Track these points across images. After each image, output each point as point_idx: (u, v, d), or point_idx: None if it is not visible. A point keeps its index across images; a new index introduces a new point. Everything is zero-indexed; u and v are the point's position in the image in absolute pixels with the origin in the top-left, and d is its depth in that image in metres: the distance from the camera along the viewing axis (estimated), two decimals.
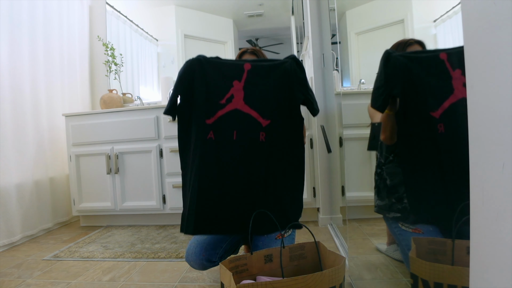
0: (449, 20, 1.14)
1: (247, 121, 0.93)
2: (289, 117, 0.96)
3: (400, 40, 1.02)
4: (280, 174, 0.95)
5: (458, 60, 0.77)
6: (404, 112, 0.84)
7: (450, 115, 0.77)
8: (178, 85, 0.97)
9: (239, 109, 0.93)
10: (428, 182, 0.84)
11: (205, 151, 0.92)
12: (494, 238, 0.33)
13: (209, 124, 0.93)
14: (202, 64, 0.97)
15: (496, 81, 0.33)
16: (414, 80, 0.81)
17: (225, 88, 0.94)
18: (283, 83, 0.95)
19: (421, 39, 1.00)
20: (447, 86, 0.78)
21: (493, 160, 0.33)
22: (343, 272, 0.78)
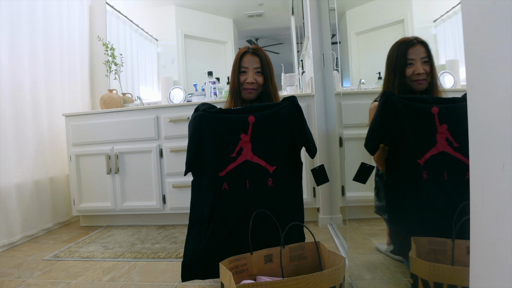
0: (449, 20, 1.14)
1: (257, 169, 1.03)
2: (291, 160, 1.07)
3: (403, 39, 1.02)
4: (289, 212, 1.05)
5: (446, 116, 0.88)
6: (394, 156, 0.96)
7: (431, 165, 0.88)
8: (191, 145, 1.05)
9: (249, 160, 1.03)
10: (409, 220, 0.94)
11: (222, 201, 1.02)
12: (494, 238, 0.33)
13: (222, 176, 1.02)
14: (209, 121, 1.04)
15: (496, 81, 0.33)
16: (405, 127, 0.92)
17: (234, 142, 1.03)
18: (285, 130, 1.04)
19: (424, 39, 1.00)
20: (431, 137, 0.88)
21: (493, 160, 0.33)
22: (343, 272, 0.78)
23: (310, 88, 1.98)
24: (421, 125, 0.90)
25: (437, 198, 0.88)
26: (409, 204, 0.93)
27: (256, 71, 1.14)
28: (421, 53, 1.00)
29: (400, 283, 1.04)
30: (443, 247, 0.81)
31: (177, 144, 1.98)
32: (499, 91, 0.32)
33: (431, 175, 0.88)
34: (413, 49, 1.00)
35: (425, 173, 0.88)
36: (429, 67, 1.00)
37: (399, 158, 0.95)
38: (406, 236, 0.93)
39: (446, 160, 0.86)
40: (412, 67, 0.99)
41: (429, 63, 1.00)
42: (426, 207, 0.90)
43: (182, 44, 2.65)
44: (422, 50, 1.00)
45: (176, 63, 2.65)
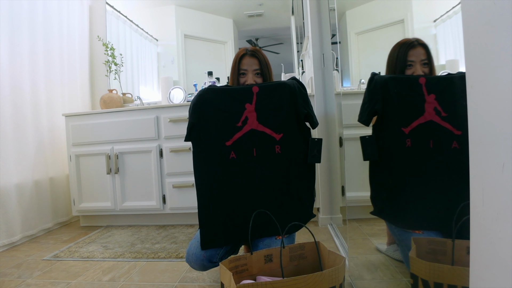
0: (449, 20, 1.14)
1: (263, 138, 1.05)
2: (298, 128, 1.08)
3: (404, 40, 1.02)
4: (300, 178, 1.07)
5: (434, 86, 0.90)
6: (380, 124, 0.98)
7: (417, 133, 0.90)
8: (192, 113, 1.06)
9: (255, 129, 1.05)
10: (390, 183, 0.97)
11: (230, 170, 1.04)
12: (494, 238, 0.33)
13: (229, 145, 1.04)
14: (214, 92, 1.07)
15: (496, 81, 0.33)
16: (392, 97, 0.94)
17: (239, 111, 1.05)
18: (289, 99, 1.06)
19: (425, 42, 1.01)
20: (420, 107, 0.90)
21: (493, 160, 0.33)
22: (343, 272, 0.78)
23: (310, 88, 1.98)
24: (409, 94, 0.93)
25: (420, 165, 0.90)
26: (391, 169, 0.96)
27: (255, 73, 1.15)
28: (421, 55, 1.00)
29: (400, 283, 1.04)
30: (443, 247, 0.81)
31: (177, 144, 1.98)
32: (499, 91, 0.32)
33: (415, 143, 0.90)
34: (414, 51, 1.00)
35: (409, 141, 0.91)
36: (428, 69, 1.00)
37: (385, 126, 0.97)
38: (386, 198, 0.97)
39: (433, 129, 0.89)
40: (411, 68, 1.00)
41: (428, 65, 1.00)
42: (408, 171, 0.92)
43: (182, 44, 2.65)
44: (422, 52, 1.00)
45: (176, 63, 2.65)
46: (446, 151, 0.87)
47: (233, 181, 1.04)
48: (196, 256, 1.01)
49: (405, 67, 1.01)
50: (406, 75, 0.98)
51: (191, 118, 1.06)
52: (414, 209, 0.92)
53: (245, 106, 1.05)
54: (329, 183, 1.85)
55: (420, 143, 0.90)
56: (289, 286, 0.70)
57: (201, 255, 1.00)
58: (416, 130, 0.90)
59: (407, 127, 0.91)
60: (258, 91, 1.06)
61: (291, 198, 1.06)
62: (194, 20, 2.68)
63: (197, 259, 1.01)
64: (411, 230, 0.92)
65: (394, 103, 0.94)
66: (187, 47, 2.66)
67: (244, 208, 1.03)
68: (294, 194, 1.06)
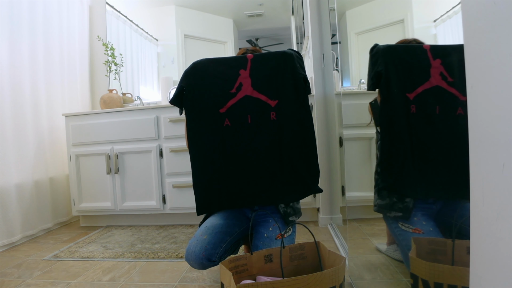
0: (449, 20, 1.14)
1: (258, 104, 1.02)
2: (294, 94, 1.04)
3: (402, 40, 1.01)
4: (294, 146, 1.03)
5: (440, 51, 0.86)
6: (385, 88, 0.93)
7: (422, 99, 0.86)
8: (184, 78, 1.04)
9: (249, 95, 1.02)
10: (396, 151, 0.93)
11: (225, 137, 1.01)
12: (494, 238, 0.33)
13: (223, 112, 1.02)
14: (207, 61, 1.05)
15: (496, 81, 0.33)
16: (396, 61, 0.90)
17: (233, 78, 1.02)
18: (285, 64, 1.03)
19: (423, 41, 0.99)
20: (425, 72, 0.86)
21: (493, 160, 0.33)
22: (343, 272, 0.78)
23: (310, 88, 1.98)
24: (413, 59, 0.90)
25: (425, 131, 0.88)
26: (398, 138, 0.93)
27: None
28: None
29: (400, 283, 1.04)
30: (443, 247, 0.81)
31: (177, 144, 1.98)
32: (499, 91, 0.32)
33: (421, 109, 0.88)
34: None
35: (414, 107, 0.88)
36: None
37: (390, 92, 0.94)
38: (395, 166, 0.93)
39: (440, 95, 0.86)
40: None
41: None
42: (414, 139, 0.89)
43: (182, 44, 2.65)
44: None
45: (176, 63, 2.65)
46: (452, 117, 0.85)
47: (228, 149, 1.02)
48: (195, 255, 1.01)
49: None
50: (409, 45, 0.94)
51: (181, 82, 1.04)
52: (423, 178, 0.89)
53: (239, 72, 1.02)
54: (329, 183, 1.85)
55: (426, 109, 0.87)
56: (289, 286, 0.70)
57: (200, 254, 1.00)
58: (422, 95, 0.87)
59: (412, 92, 0.88)
60: (252, 58, 1.04)
61: (285, 167, 1.03)
62: (194, 20, 2.68)
63: (196, 257, 1.01)
64: (425, 198, 0.89)
65: (398, 68, 0.90)
66: (187, 47, 2.66)
67: (239, 176, 1.01)
68: (288, 163, 1.03)
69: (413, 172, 0.90)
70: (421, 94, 0.87)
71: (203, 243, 1.02)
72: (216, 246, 1.03)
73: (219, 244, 1.04)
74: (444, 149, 0.86)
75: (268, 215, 1.07)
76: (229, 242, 1.07)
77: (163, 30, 2.69)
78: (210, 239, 1.03)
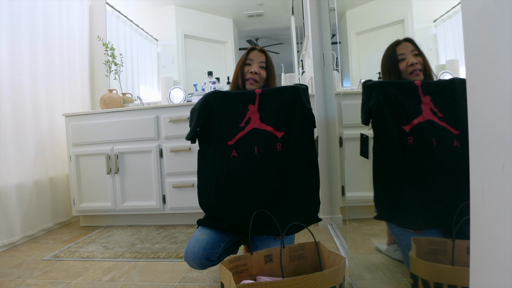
0: (449, 20, 1.14)
1: (265, 136, 1.06)
2: (300, 126, 1.08)
3: (395, 41, 1.04)
4: (298, 177, 1.06)
5: (429, 88, 0.92)
6: (379, 122, 0.98)
7: (418, 131, 0.90)
8: (198, 116, 1.09)
9: (257, 128, 1.07)
10: (394, 184, 0.95)
11: (231, 167, 1.05)
12: (494, 238, 0.33)
13: (231, 144, 1.06)
14: (218, 95, 1.10)
15: (496, 81, 0.33)
16: (389, 97, 0.95)
17: (242, 112, 1.07)
18: (292, 99, 1.08)
19: (417, 40, 1.01)
20: (417, 107, 0.91)
21: (493, 160, 0.33)
22: (343, 272, 0.78)
23: (310, 88, 1.98)
24: (405, 95, 0.94)
25: (424, 162, 0.90)
26: (394, 169, 0.94)
27: (260, 65, 1.17)
28: (409, 47, 1.00)
29: (400, 283, 1.04)
30: (443, 247, 0.81)
31: (177, 144, 1.98)
32: (499, 91, 0.32)
33: (418, 140, 0.91)
34: (401, 45, 1.01)
35: (411, 139, 0.91)
36: (421, 59, 0.99)
37: (384, 125, 0.97)
38: (391, 199, 0.95)
39: (434, 128, 0.88)
40: (404, 61, 0.99)
41: (420, 55, 0.99)
42: (412, 169, 0.91)
43: (182, 44, 2.65)
44: (409, 45, 1.00)
45: (176, 63, 2.65)
46: (450, 149, 0.87)
47: (233, 179, 1.04)
48: (194, 255, 1.01)
49: (398, 62, 1.00)
50: (401, 81, 0.98)
51: (197, 121, 1.09)
52: (422, 209, 0.91)
53: (248, 107, 1.07)
54: (329, 183, 1.85)
55: (423, 141, 0.90)
56: (289, 286, 0.70)
57: (199, 253, 1.00)
58: (417, 128, 0.90)
59: (408, 125, 0.91)
60: (260, 93, 1.09)
61: (291, 200, 1.05)
62: (194, 20, 2.68)
63: (195, 257, 1.01)
64: (418, 231, 0.91)
65: (391, 103, 0.94)
66: (187, 47, 2.66)
67: (243, 207, 1.03)
68: (294, 196, 1.05)
69: (412, 204, 0.91)
70: (417, 126, 0.90)
71: (202, 242, 1.02)
72: (215, 245, 1.03)
73: (218, 243, 1.04)
74: (443, 179, 0.88)
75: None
76: (228, 241, 1.07)
77: (163, 30, 2.69)
78: (209, 239, 1.03)
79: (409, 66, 0.98)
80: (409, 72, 0.98)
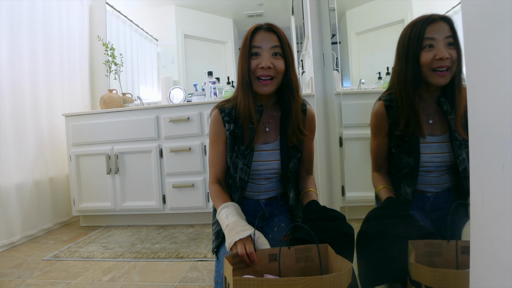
0: None
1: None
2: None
3: (419, 17, 0.82)
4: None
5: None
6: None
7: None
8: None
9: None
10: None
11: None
12: (494, 238, 0.33)
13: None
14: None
15: (496, 81, 0.33)
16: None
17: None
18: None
19: (448, 15, 0.80)
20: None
21: (493, 160, 0.33)
22: (347, 279, 0.75)
23: (310, 88, 1.98)
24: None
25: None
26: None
27: (273, 52, 0.84)
28: (445, 31, 0.75)
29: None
30: (439, 248, 0.80)
31: (177, 144, 1.98)
32: (499, 91, 0.32)
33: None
34: (434, 26, 0.76)
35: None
36: (456, 51, 0.75)
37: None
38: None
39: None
40: (432, 51, 0.76)
41: (455, 46, 0.75)
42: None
43: (182, 44, 2.65)
44: (446, 27, 0.75)
45: (176, 63, 2.65)
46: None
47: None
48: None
49: (422, 49, 0.76)
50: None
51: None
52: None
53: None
54: (329, 183, 1.85)
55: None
56: (285, 286, 0.69)
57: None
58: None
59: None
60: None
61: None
62: (194, 20, 2.68)
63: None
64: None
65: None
66: (187, 47, 2.66)
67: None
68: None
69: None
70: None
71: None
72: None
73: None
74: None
75: (276, 214, 1.04)
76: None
77: (163, 30, 2.69)
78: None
79: (436, 60, 0.76)
80: (434, 66, 0.77)
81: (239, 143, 0.90)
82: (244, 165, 0.89)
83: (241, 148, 0.90)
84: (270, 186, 0.97)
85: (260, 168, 0.93)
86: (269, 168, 0.94)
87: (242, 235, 0.77)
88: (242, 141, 0.89)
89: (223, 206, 0.86)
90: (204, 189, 1.97)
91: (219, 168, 0.95)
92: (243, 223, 0.82)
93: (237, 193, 0.92)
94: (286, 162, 0.93)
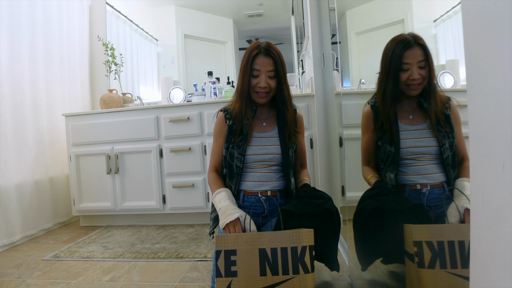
0: (449, 20, 1.14)
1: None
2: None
3: (400, 37, 0.99)
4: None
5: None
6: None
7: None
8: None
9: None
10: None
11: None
12: (494, 238, 0.33)
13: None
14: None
15: (496, 82, 0.33)
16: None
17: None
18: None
19: (422, 38, 0.98)
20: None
21: (493, 160, 0.33)
22: (307, 238, 0.87)
23: (310, 88, 1.98)
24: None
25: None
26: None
27: (269, 75, 1.06)
28: (418, 57, 0.96)
29: (400, 283, 1.04)
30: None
31: (177, 144, 1.98)
32: (499, 91, 0.32)
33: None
34: (410, 51, 0.96)
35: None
36: (426, 71, 0.97)
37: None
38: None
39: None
40: (407, 72, 0.97)
41: (425, 68, 0.96)
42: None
43: (182, 44, 2.65)
44: (419, 53, 0.96)
45: (176, 63, 2.65)
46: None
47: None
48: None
49: (400, 70, 0.98)
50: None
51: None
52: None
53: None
54: (329, 183, 1.85)
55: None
56: (255, 239, 0.87)
57: None
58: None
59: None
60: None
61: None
62: (194, 20, 2.68)
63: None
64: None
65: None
66: (187, 47, 2.66)
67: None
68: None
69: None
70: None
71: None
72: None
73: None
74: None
75: (274, 214, 1.07)
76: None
77: (163, 30, 2.69)
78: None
79: (409, 79, 0.97)
80: (408, 84, 0.99)
81: (235, 136, 1.09)
82: (239, 154, 1.07)
83: (236, 140, 1.08)
84: (270, 176, 1.09)
85: (258, 153, 1.08)
86: (268, 153, 1.09)
87: (231, 217, 0.93)
88: (237, 134, 1.09)
89: (217, 192, 1.05)
90: (204, 189, 1.97)
91: (218, 159, 1.14)
92: (233, 207, 0.98)
93: (234, 179, 1.08)
94: (285, 148, 1.09)
